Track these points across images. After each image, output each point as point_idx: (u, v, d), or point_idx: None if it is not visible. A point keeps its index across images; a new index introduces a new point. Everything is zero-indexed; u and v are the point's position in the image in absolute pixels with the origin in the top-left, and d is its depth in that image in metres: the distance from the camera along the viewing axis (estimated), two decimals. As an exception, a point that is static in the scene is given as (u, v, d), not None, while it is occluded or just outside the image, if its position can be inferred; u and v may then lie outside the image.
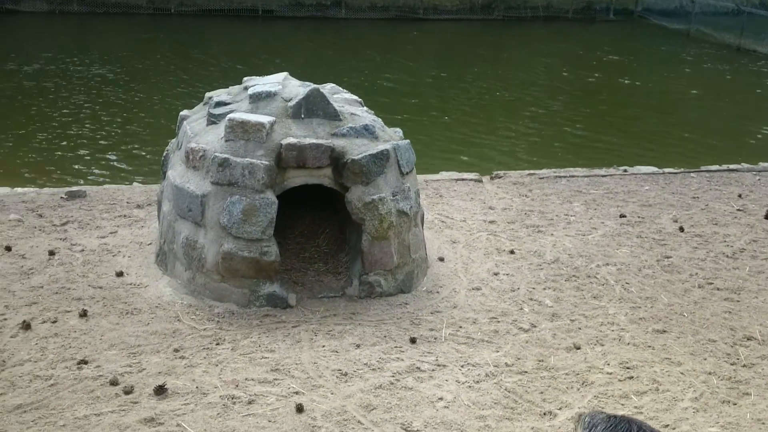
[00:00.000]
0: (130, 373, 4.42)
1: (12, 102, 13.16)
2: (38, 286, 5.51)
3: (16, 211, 7.02)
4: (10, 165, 10.21)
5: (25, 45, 17.59)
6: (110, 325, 5.02)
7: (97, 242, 6.40)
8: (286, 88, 5.78)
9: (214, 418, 4.02)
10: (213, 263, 5.37)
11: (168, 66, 16.59)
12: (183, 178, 5.57)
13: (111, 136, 11.73)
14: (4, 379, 4.27)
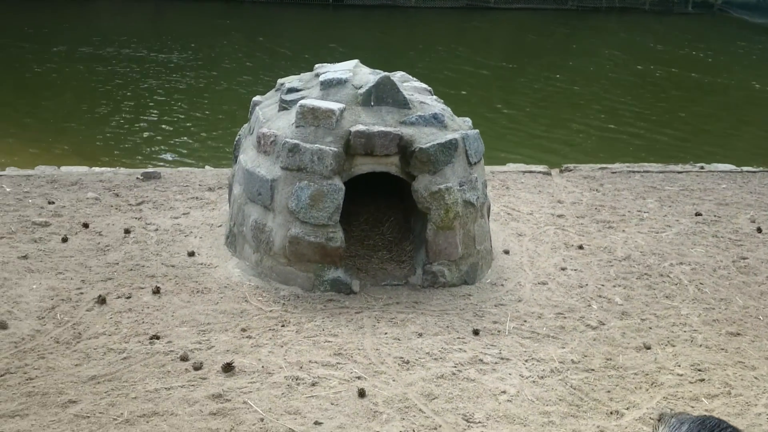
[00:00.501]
0: (200, 350, 4.54)
1: (89, 85, 13.66)
2: (114, 263, 5.72)
3: (94, 190, 7.29)
4: (88, 146, 10.62)
5: (101, 30, 18.22)
6: (181, 302, 5.16)
7: (171, 222, 6.59)
8: (356, 76, 5.80)
9: (278, 397, 4.09)
10: (280, 247, 5.45)
11: (239, 53, 16.91)
12: (254, 163, 5.67)
13: (185, 120, 12.05)
14: (80, 350, 4.45)
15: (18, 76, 13.98)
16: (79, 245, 5.99)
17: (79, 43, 16.41)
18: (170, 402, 3.97)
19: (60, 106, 12.23)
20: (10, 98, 12.55)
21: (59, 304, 4.99)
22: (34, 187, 7.23)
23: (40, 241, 5.99)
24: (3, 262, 5.53)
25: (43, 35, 17.20)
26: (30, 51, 15.69)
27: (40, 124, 11.39)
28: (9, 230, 6.15)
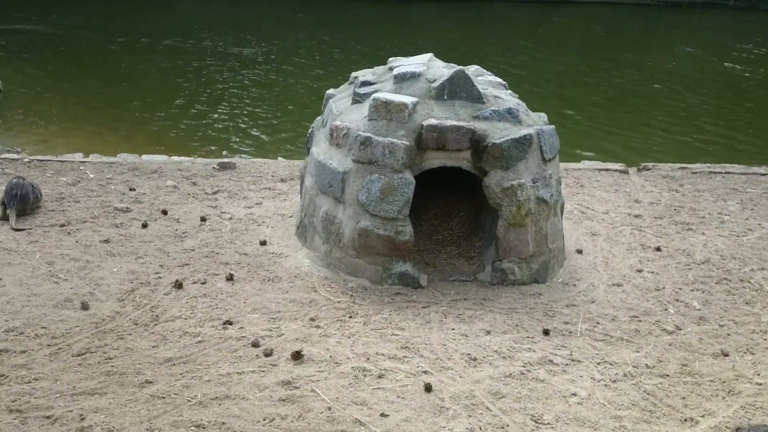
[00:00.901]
0: (270, 337, 4.63)
1: (169, 78, 14.10)
2: (190, 249, 5.89)
3: (173, 178, 7.53)
4: (167, 135, 10.97)
5: (181, 24, 18.77)
6: (253, 290, 5.27)
7: (244, 212, 6.74)
8: (430, 69, 5.78)
9: (345, 387, 4.13)
10: (349, 239, 5.49)
11: (313, 47, 17.12)
12: (326, 155, 5.73)
13: (260, 112, 12.29)
14: (157, 333, 4.61)
15: (103, 67, 14.57)
16: (158, 231, 6.19)
17: (161, 36, 16.96)
18: (241, 386, 4.06)
19: (141, 97, 12.68)
20: (95, 88, 13.10)
21: (138, 287, 5.18)
22: (117, 174, 7.53)
23: (121, 226, 6.23)
24: (86, 246, 5.78)
25: (127, 28, 17.86)
26: (115, 43, 16.32)
27: (123, 114, 11.84)
28: (92, 215, 6.42)
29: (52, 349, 4.30)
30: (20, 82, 12.78)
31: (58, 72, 13.98)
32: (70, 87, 13.08)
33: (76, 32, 17.02)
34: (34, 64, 14.33)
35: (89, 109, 11.96)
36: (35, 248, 5.65)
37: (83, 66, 14.55)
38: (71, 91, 12.82)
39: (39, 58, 14.77)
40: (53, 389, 3.89)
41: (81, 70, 14.25)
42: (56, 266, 5.38)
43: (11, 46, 15.56)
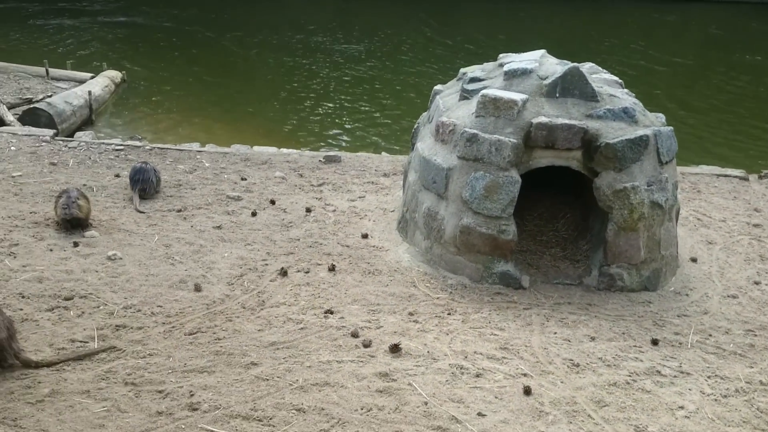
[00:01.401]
0: (369, 329, 4.68)
1: (280, 72, 14.53)
2: (295, 239, 6.05)
3: (281, 169, 7.76)
4: (277, 128, 11.32)
5: (292, 20, 19.27)
6: (354, 281, 5.36)
7: (347, 204, 6.85)
8: (542, 66, 5.66)
9: (442, 384, 4.12)
10: (451, 236, 5.47)
11: (421, 42, 17.16)
12: (431, 151, 5.73)
13: (366, 107, 12.47)
14: (263, 317, 4.76)
15: (218, 61, 15.21)
16: (266, 220, 6.40)
17: (272, 31, 17.50)
18: (341, 375, 4.13)
19: (254, 90, 13.14)
20: (210, 81, 13.69)
21: (246, 272, 5.38)
22: (230, 163, 7.84)
23: (232, 214, 6.48)
24: (200, 231, 6.05)
25: (240, 23, 18.55)
26: (228, 39, 16.99)
27: (237, 106, 12.32)
28: (206, 201, 6.72)
29: (166, 327, 4.53)
30: (142, 74, 13.54)
31: (177, 65, 14.71)
32: (188, 79, 13.74)
33: (193, 27, 17.85)
34: (155, 57, 15.15)
35: (206, 100, 12.52)
36: (154, 231, 5.97)
37: (200, 59, 15.23)
38: (189, 84, 13.47)
39: (159, 52, 15.61)
40: (166, 365, 4.10)
41: (198, 63, 14.93)
42: (172, 249, 5.66)
43: (135, 39, 16.52)
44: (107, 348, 4.20)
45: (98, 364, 4.05)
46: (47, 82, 11.82)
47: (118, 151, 8.00)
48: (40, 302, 4.63)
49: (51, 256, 5.29)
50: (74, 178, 6.98)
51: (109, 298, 4.80)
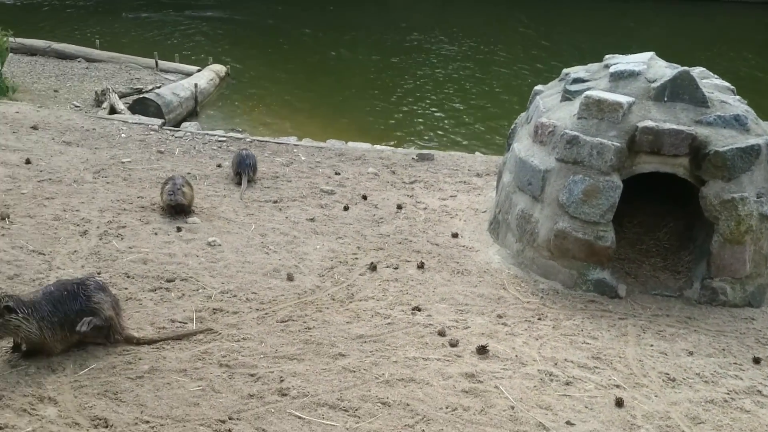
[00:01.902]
0: (456, 328, 4.66)
1: (376, 70, 14.66)
2: (385, 235, 6.10)
3: (374, 165, 7.84)
4: (371, 125, 11.43)
5: (393, 19, 19.39)
6: (442, 280, 5.34)
7: (438, 203, 6.84)
8: (650, 69, 5.45)
9: (530, 389, 4.05)
10: (545, 239, 5.37)
11: (519, 43, 16.91)
12: (528, 152, 5.63)
13: (461, 106, 12.41)
14: (351, 310, 4.83)
15: (316, 57, 15.51)
16: (358, 215, 6.48)
17: (371, 30, 17.69)
18: (426, 372, 4.13)
19: (350, 87, 13.33)
20: (309, 77, 13.98)
21: (337, 265, 5.46)
22: (325, 158, 7.99)
23: (325, 207, 6.61)
24: (294, 222, 6.20)
25: (340, 22, 18.85)
26: (328, 36, 17.30)
27: (333, 102, 12.53)
28: (301, 194, 6.88)
29: (259, 313, 4.67)
30: (245, 69, 13.98)
31: (278, 61, 15.11)
32: (287, 75, 14.08)
33: (294, 25, 18.27)
34: (257, 52, 15.62)
35: (304, 96, 12.80)
36: (251, 220, 6.16)
37: (299, 56, 15.58)
38: (288, 79, 13.80)
39: (262, 48, 16.07)
40: (258, 350, 4.22)
41: (297, 60, 15.28)
42: (268, 238, 5.83)
43: (240, 34, 17.08)
44: (204, 330, 4.37)
45: (195, 344, 4.21)
46: (156, 74, 12.40)
47: (220, 142, 8.30)
48: (144, 283, 4.87)
49: (155, 240, 5.56)
50: (179, 166, 7.30)
51: (208, 282, 4.98)
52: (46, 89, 10.80)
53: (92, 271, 4.85)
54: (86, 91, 10.76)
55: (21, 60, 12.16)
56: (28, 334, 3.74)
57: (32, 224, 5.49)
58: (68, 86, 11.08)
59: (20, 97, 9.86)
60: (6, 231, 5.31)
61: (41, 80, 11.26)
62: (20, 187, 6.18)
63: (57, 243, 5.25)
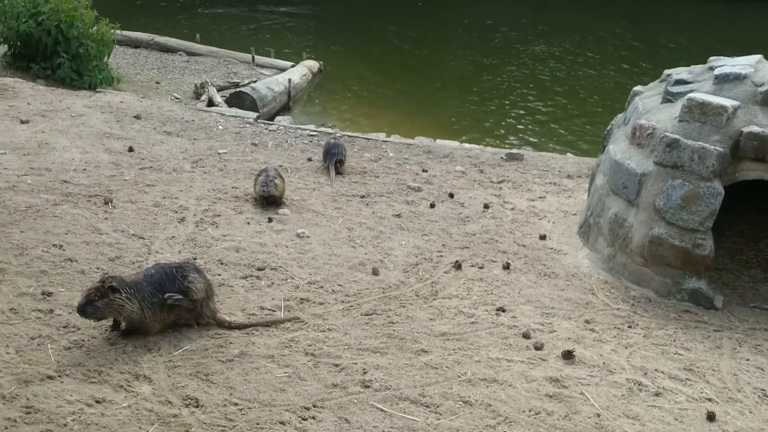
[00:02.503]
0: (542, 331, 4.58)
1: (467, 68, 14.58)
2: (471, 233, 6.06)
3: (462, 164, 7.80)
4: (460, 122, 11.38)
5: (485, 17, 19.21)
6: (528, 282, 5.27)
7: (526, 204, 6.74)
8: (758, 72, 5.18)
9: (617, 398, 3.94)
10: (638, 245, 5.20)
11: (616, 42, 16.41)
12: (624, 154, 5.47)
13: (554, 107, 12.18)
14: (435, 307, 4.83)
15: (406, 56, 15.57)
16: (444, 212, 6.48)
17: (464, 28, 17.59)
18: (509, 374, 4.09)
19: (440, 85, 13.31)
20: (399, 74, 14.05)
21: (422, 262, 5.48)
22: (413, 155, 8.02)
23: (412, 204, 6.63)
24: (381, 217, 6.26)
25: (434, 20, 18.84)
26: (419, 34, 17.32)
27: (423, 99, 12.55)
28: (388, 190, 6.93)
29: (344, 305, 4.74)
30: (336, 64, 14.20)
31: (369, 58, 15.26)
32: (377, 72, 14.20)
33: (386, 22, 18.40)
34: (349, 48, 15.83)
35: (393, 92, 12.88)
36: (339, 214, 6.27)
37: (390, 54, 15.70)
38: (378, 76, 13.92)
39: (354, 45, 16.28)
40: (343, 341, 4.29)
41: (388, 56, 15.39)
42: (354, 232, 5.91)
43: (332, 30, 17.36)
44: (292, 318, 4.49)
45: (283, 332, 4.33)
46: (252, 69, 12.78)
47: (311, 136, 8.47)
48: (236, 270, 5.04)
49: (248, 229, 5.74)
50: (272, 158, 7.51)
51: (296, 272, 5.11)
52: (148, 81, 11.33)
53: (188, 257, 5.06)
54: (186, 84, 11.22)
55: (126, 52, 12.80)
56: (131, 313, 3.94)
57: (133, 209, 5.78)
58: (169, 78, 11.58)
59: (124, 88, 10.39)
60: (109, 215, 5.61)
61: (144, 72, 11.82)
62: (123, 174, 6.51)
63: (156, 228, 5.51)
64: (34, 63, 9.89)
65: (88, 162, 6.66)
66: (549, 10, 20.77)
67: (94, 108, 8.39)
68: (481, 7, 21.29)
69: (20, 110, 7.87)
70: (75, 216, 5.48)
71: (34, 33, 9.60)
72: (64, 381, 3.58)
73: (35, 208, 5.50)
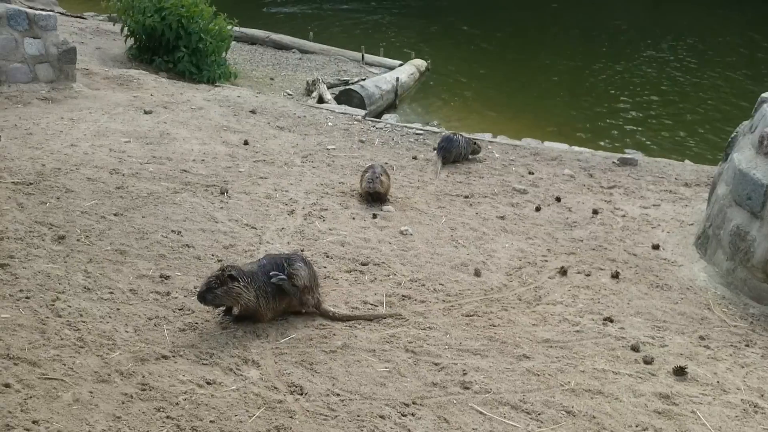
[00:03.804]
0: (652, 345, 4.40)
1: (579, 70, 14.17)
2: (578, 239, 5.90)
3: (570, 167, 7.60)
4: (569, 125, 11.09)
5: (604, 18, 18.61)
6: (639, 293, 5.06)
7: (639, 211, 6.48)
8: None
9: (731, 419, 3.72)
10: (761, 260, 4.88)
11: (742, 46, 15.48)
12: (749, 164, 5.15)
13: (672, 112, 11.66)
14: (538, 312, 4.73)
15: (514, 57, 15.33)
16: (550, 216, 6.33)
17: (579, 29, 17.12)
18: (616, 386, 3.94)
19: (549, 86, 13.02)
20: (508, 75, 13.87)
21: (525, 266, 5.38)
22: (519, 156, 7.89)
23: (516, 206, 6.53)
24: (484, 219, 6.20)
25: (548, 21, 18.44)
26: (531, 35, 17.01)
27: (531, 101, 12.34)
28: (492, 191, 6.85)
29: (446, 305, 4.73)
30: (443, 63, 14.19)
31: (476, 58, 15.15)
32: (484, 72, 14.08)
33: (495, 22, 18.20)
34: (457, 48, 15.77)
35: (501, 93, 12.73)
36: (442, 213, 6.26)
37: (498, 52, 15.51)
38: (484, 76, 13.80)
39: (461, 45, 16.19)
40: (443, 341, 4.28)
41: (495, 56, 15.22)
42: (457, 232, 5.88)
43: (441, 31, 17.34)
44: (393, 314, 4.52)
45: (384, 327, 4.37)
46: (362, 66, 12.98)
47: (417, 135, 8.51)
48: (341, 263, 5.13)
49: (353, 224, 5.83)
50: (378, 156, 7.60)
51: (398, 269, 5.14)
52: (263, 77, 11.74)
53: (297, 248, 5.21)
54: (298, 81, 11.55)
55: (242, 48, 13.31)
56: (247, 301, 4.10)
57: (247, 200, 6.00)
58: (283, 75, 11.96)
59: (241, 83, 10.82)
60: (224, 204, 5.86)
61: (259, 68, 12.25)
62: (238, 166, 6.78)
63: (267, 219, 5.70)
64: (157, 56, 10.46)
65: (206, 153, 6.98)
66: (671, 11, 19.86)
67: (213, 101, 8.78)
68: (601, 8, 20.63)
69: (144, 101, 8.35)
70: (193, 204, 5.76)
71: (158, 27, 10.15)
72: (177, 361, 3.77)
73: (156, 195, 5.82)
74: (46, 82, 8.11)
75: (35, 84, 8.02)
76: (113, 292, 4.34)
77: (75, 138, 6.84)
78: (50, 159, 6.23)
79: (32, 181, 5.72)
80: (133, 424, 3.26)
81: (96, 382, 3.50)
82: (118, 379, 3.54)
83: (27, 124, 7.00)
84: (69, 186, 5.72)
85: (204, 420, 3.34)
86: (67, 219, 5.17)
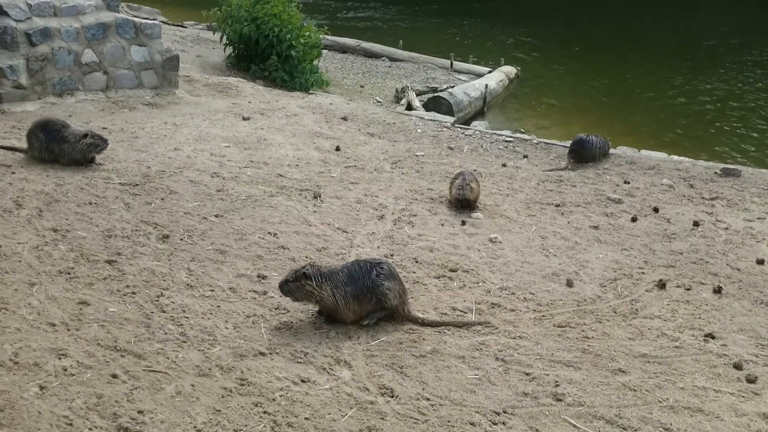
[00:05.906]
0: (756, 363, 4.19)
1: (676, 76, 13.65)
2: (677, 252, 5.68)
3: (669, 177, 7.33)
4: (668, 134, 10.69)
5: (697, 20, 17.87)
6: (742, 309, 4.84)
7: (743, 224, 6.19)
8: None
9: None
10: None
11: None
12: None
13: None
14: (635, 326, 4.59)
15: (608, 63, 14.93)
16: (647, 227, 6.13)
17: (676, 35, 16.52)
18: (717, 405, 3.78)
19: (645, 93, 12.61)
20: (599, 83, 13.51)
21: (620, 277, 5.23)
22: (613, 165, 7.68)
23: (611, 216, 6.36)
24: (576, 228, 6.07)
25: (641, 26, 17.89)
26: (623, 40, 16.53)
27: (626, 108, 11.98)
28: (585, 200, 6.70)
29: (536, 314, 4.66)
30: (534, 71, 13.98)
31: (567, 64, 14.85)
32: (577, 79, 13.78)
33: (588, 28, 17.79)
34: (547, 56, 15.51)
35: (593, 100, 12.43)
36: (532, 222, 6.17)
37: (591, 60, 15.14)
38: (577, 83, 13.51)
39: (553, 52, 15.91)
40: (534, 351, 4.22)
41: (588, 64, 14.86)
42: (548, 241, 5.79)
43: (532, 38, 17.10)
44: (482, 322, 4.50)
45: (473, 334, 4.35)
46: (450, 74, 12.98)
47: (507, 142, 8.43)
48: (430, 269, 5.15)
49: (442, 230, 5.84)
50: (466, 162, 7.57)
51: (488, 276, 5.11)
52: (353, 84, 11.93)
53: (386, 253, 5.26)
54: (388, 88, 11.67)
55: (334, 57, 13.57)
56: (320, 299, 4.19)
57: (339, 205, 6.12)
58: (372, 83, 12.11)
59: (332, 90, 11.03)
60: (317, 208, 5.99)
61: (350, 76, 12.46)
62: (330, 171, 6.92)
63: (358, 224, 5.79)
64: (254, 64, 10.81)
65: (300, 158, 7.16)
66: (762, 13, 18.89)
67: (307, 108, 9.00)
68: (703, 12, 19.84)
69: (242, 108, 8.65)
70: (288, 207, 5.92)
71: (254, 36, 10.49)
72: (273, 358, 3.89)
73: (254, 198, 6.02)
74: (151, 88, 8.53)
75: (140, 90, 8.46)
76: (214, 289, 4.52)
77: (178, 142, 7.17)
78: (155, 162, 6.55)
79: (138, 182, 6.04)
80: (233, 417, 3.38)
81: (197, 375, 3.66)
82: (218, 374, 3.69)
83: (133, 128, 7.39)
84: (173, 188, 6.00)
85: (299, 417, 3.43)
86: (171, 219, 5.43)
